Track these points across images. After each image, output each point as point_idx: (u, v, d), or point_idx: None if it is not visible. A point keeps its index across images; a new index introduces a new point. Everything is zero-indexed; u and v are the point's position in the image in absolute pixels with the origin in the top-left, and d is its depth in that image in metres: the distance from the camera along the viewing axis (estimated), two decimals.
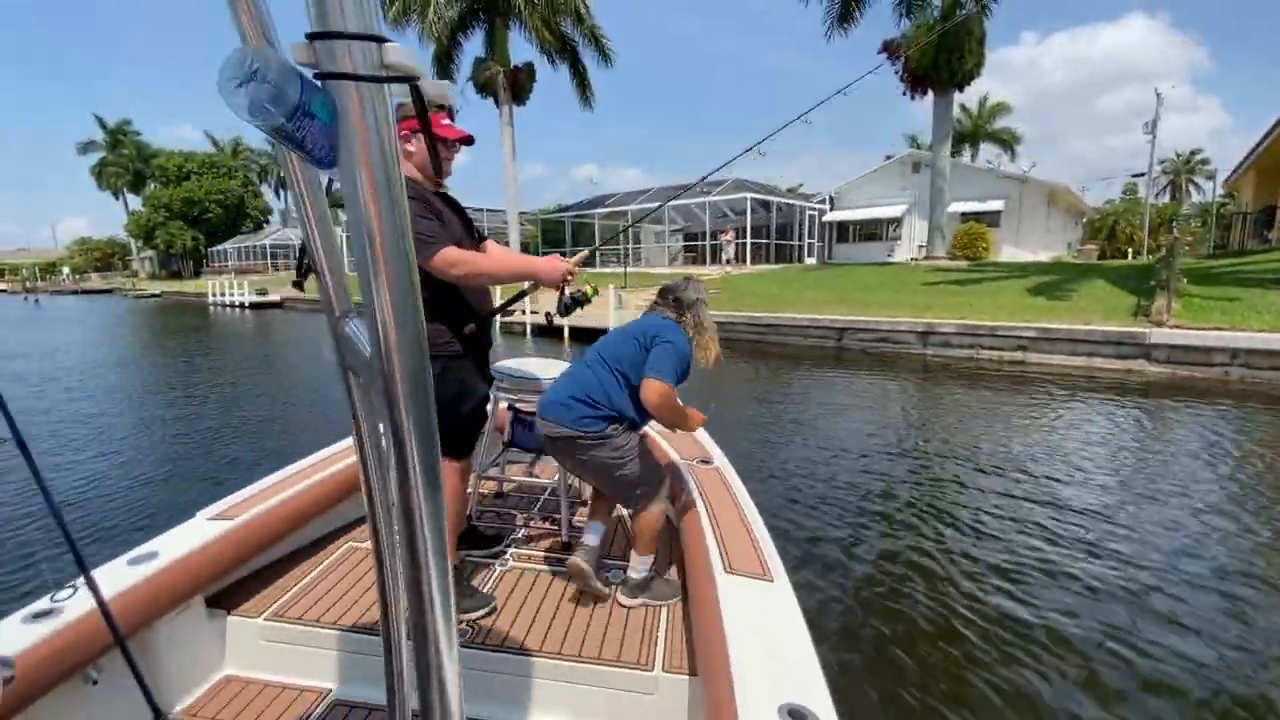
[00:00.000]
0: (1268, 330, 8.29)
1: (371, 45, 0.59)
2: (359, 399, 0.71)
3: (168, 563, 1.85)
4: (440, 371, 2.00)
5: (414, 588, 0.72)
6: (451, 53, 21.95)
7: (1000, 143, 37.69)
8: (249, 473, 4.95)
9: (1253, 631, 2.86)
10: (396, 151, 0.63)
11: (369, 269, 0.63)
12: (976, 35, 16.09)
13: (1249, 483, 4.76)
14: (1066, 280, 12.53)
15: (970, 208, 23.45)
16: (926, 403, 7.78)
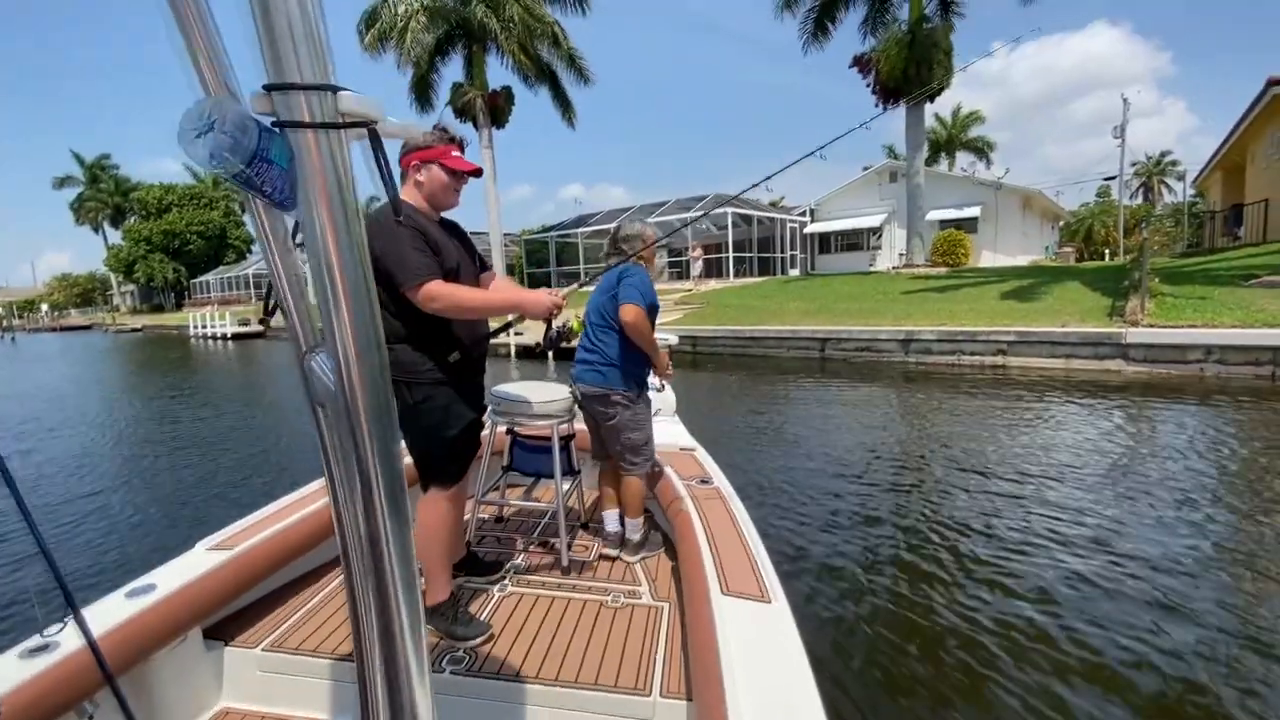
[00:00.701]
0: (1239, 326, 8.43)
1: (326, 94, 0.62)
2: (326, 431, 0.72)
3: (165, 595, 1.85)
4: (423, 399, 2.00)
5: (384, 619, 0.73)
6: (429, 78, 22.12)
7: (975, 151, 38.43)
8: (241, 505, 4.90)
9: (1245, 620, 2.86)
10: (355, 192, 0.66)
11: (329, 305, 0.66)
12: (944, 48, 16.43)
13: (1235, 474, 4.80)
14: (1043, 283, 12.69)
15: (948, 215, 23.80)
16: (910, 410, 7.81)
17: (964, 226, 23.02)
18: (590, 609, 2.29)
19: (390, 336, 1.93)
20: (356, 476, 0.70)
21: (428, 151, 2.00)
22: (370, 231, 1.91)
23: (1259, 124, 16.11)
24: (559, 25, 21.03)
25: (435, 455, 2.08)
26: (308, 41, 0.61)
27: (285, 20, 0.60)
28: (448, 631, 2.09)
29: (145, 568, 2.01)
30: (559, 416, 2.68)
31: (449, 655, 2.00)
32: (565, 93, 22.95)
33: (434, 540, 2.11)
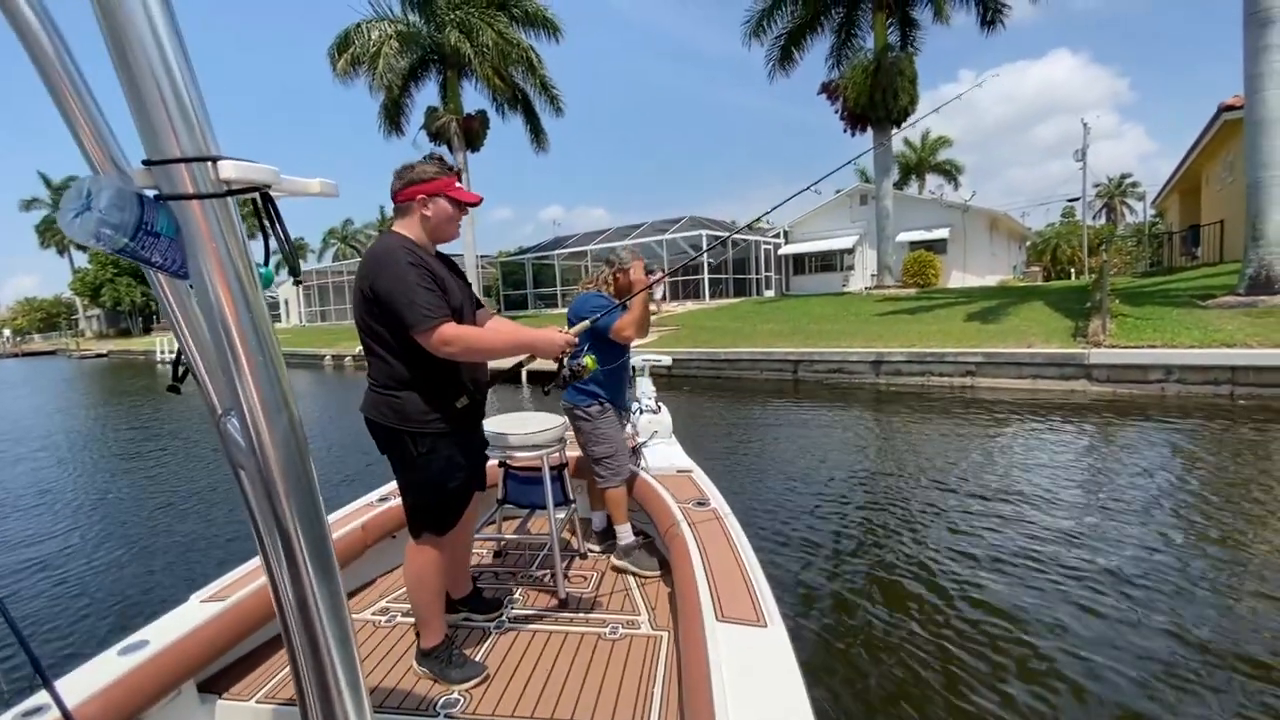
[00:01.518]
0: (1197, 346, 8.58)
1: (206, 165, 0.64)
2: (250, 493, 0.72)
3: (158, 650, 1.84)
4: (427, 450, 1.94)
5: (319, 679, 0.74)
6: (401, 102, 22.12)
7: (944, 174, 39.39)
8: (220, 549, 4.63)
9: (1202, 624, 2.82)
10: (248, 257, 0.68)
11: (231, 370, 0.67)
12: (908, 75, 16.85)
13: (1195, 490, 4.81)
14: (1009, 304, 12.88)
15: (917, 236, 24.23)
16: (883, 432, 7.79)
17: (933, 248, 23.46)
18: (588, 642, 2.27)
19: (394, 382, 1.91)
20: (278, 535, 0.71)
21: (433, 184, 1.95)
22: (372, 269, 1.87)
23: (1212, 148, 16.69)
24: (534, 51, 21.21)
25: (432, 505, 2.04)
26: (181, 114, 0.62)
27: (155, 94, 0.61)
28: (442, 675, 2.07)
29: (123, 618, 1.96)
30: (549, 446, 2.68)
31: (443, 699, 1.99)
32: (538, 118, 23.10)
33: (425, 586, 2.08)
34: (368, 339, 1.94)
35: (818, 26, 18.38)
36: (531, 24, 21.24)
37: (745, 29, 18.56)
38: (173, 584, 4.06)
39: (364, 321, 1.92)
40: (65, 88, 0.67)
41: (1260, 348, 8.15)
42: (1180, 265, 19.72)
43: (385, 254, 1.87)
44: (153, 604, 1.99)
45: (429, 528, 2.06)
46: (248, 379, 0.67)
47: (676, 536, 2.44)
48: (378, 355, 1.93)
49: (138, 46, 0.60)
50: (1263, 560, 3.69)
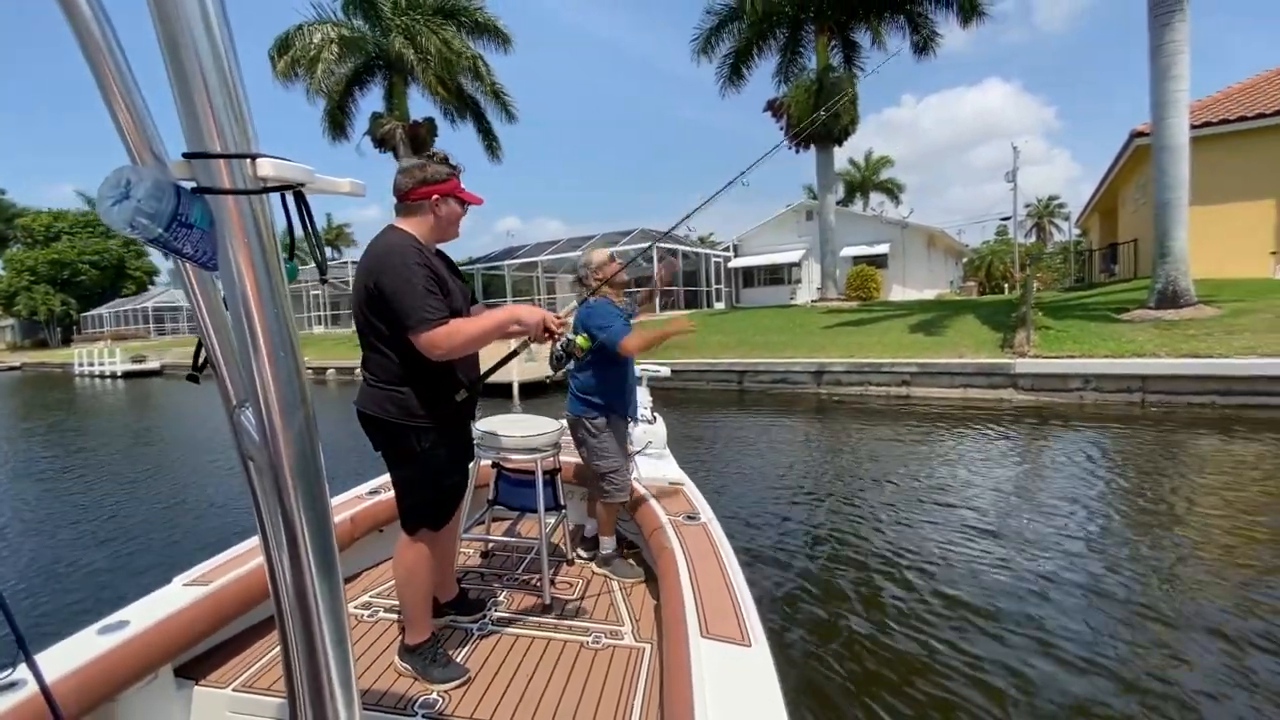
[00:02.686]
0: (1112, 356, 9.08)
1: (245, 161, 0.65)
2: (257, 485, 0.73)
3: (137, 631, 1.82)
4: (431, 445, 1.96)
5: (312, 674, 0.74)
6: (346, 107, 21.55)
7: (886, 192, 40.93)
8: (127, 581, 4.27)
9: (1125, 620, 2.97)
10: (278, 253, 0.68)
11: (251, 364, 0.68)
12: (849, 96, 17.42)
13: (1110, 492, 5.05)
14: (944, 317, 13.37)
15: (860, 251, 25.01)
16: (828, 440, 7.91)
17: (875, 262, 24.25)
18: (570, 650, 2.26)
19: (395, 378, 1.92)
20: (283, 530, 0.71)
21: (447, 185, 1.98)
22: (378, 266, 1.87)
23: (1126, 171, 17.83)
24: (482, 60, 21.03)
25: (431, 500, 2.06)
26: (227, 110, 0.63)
27: (203, 90, 0.61)
28: (424, 673, 2.06)
29: None
30: (543, 450, 2.68)
31: (422, 699, 1.97)
32: (490, 126, 22.88)
33: (416, 581, 2.07)
34: (368, 335, 1.94)
35: (764, 46, 18.86)
36: (481, 33, 21.07)
37: (694, 46, 18.89)
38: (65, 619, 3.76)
39: (364, 317, 1.92)
40: (111, 77, 0.68)
41: (1168, 357, 8.67)
42: (1100, 281, 20.93)
43: (392, 252, 1.86)
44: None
45: (425, 522, 2.06)
46: (267, 373, 0.68)
47: (664, 549, 2.43)
48: (378, 351, 1.93)
49: (189, 37, 0.61)
50: (1166, 550, 3.95)
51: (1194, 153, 10.59)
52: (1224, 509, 4.66)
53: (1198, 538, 4.16)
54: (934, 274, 28.70)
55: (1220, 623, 3.10)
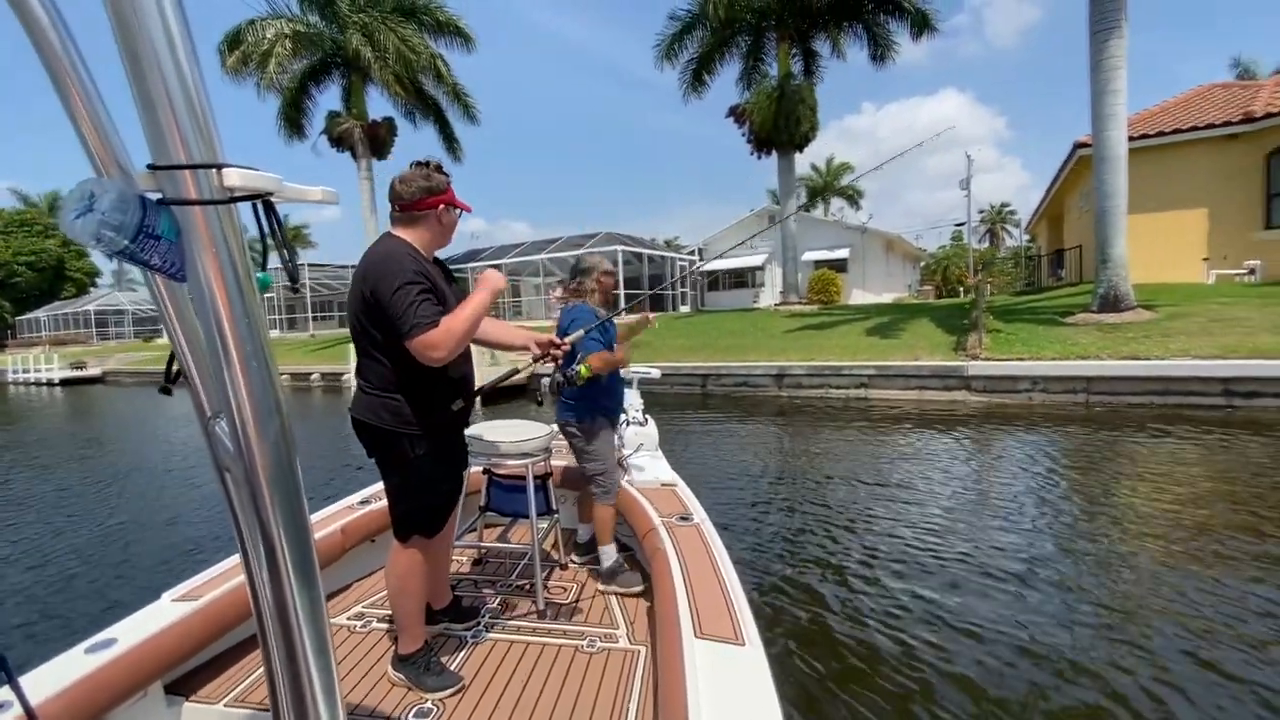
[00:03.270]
0: (1058, 358, 9.43)
1: (211, 171, 0.64)
2: (234, 497, 0.72)
3: (126, 649, 1.80)
4: (425, 452, 1.97)
5: (294, 686, 0.73)
6: (302, 104, 20.97)
7: (847, 197, 41.84)
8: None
9: (1067, 603, 3.14)
10: (248, 263, 0.68)
11: (224, 375, 0.68)
12: (809, 103, 17.76)
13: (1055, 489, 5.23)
14: (901, 320, 13.69)
15: (821, 255, 25.48)
16: (787, 442, 8.00)
17: (835, 266, 24.71)
18: (565, 655, 2.26)
19: (390, 384, 1.93)
20: (260, 541, 0.71)
21: (449, 194, 2.03)
22: (375, 273, 1.88)
23: (1071, 180, 18.57)
24: (442, 59, 20.72)
25: (425, 507, 2.06)
26: (191, 119, 0.62)
27: (165, 100, 0.61)
28: (418, 681, 2.05)
29: None
30: (534, 455, 2.68)
31: (416, 708, 1.97)
32: (451, 127, 22.55)
33: (408, 589, 2.07)
34: (363, 341, 1.95)
35: (726, 53, 19.06)
36: (442, 32, 20.76)
37: (657, 52, 18.98)
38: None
39: (360, 324, 1.93)
40: (73, 87, 0.67)
41: (1110, 360, 9.05)
42: (1049, 285, 21.74)
43: (389, 259, 1.88)
44: None
45: (419, 530, 2.06)
46: (240, 383, 0.68)
47: (658, 551, 2.43)
48: (373, 358, 1.94)
49: (151, 49, 0.60)
50: (1108, 543, 4.13)
51: (1132, 163, 11.09)
52: (1161, 502, 4.87)
53: (1138, 529, 4.35)
54: (892, 278, 29.43)
55: (1162, 608, 3.30)
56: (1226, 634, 3.03)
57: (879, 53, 17.98)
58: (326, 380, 17.20)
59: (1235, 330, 9.28)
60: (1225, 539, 4.12)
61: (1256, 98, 14.45)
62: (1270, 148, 13.59)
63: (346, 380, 16.13)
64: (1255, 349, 8.51)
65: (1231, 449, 6.43)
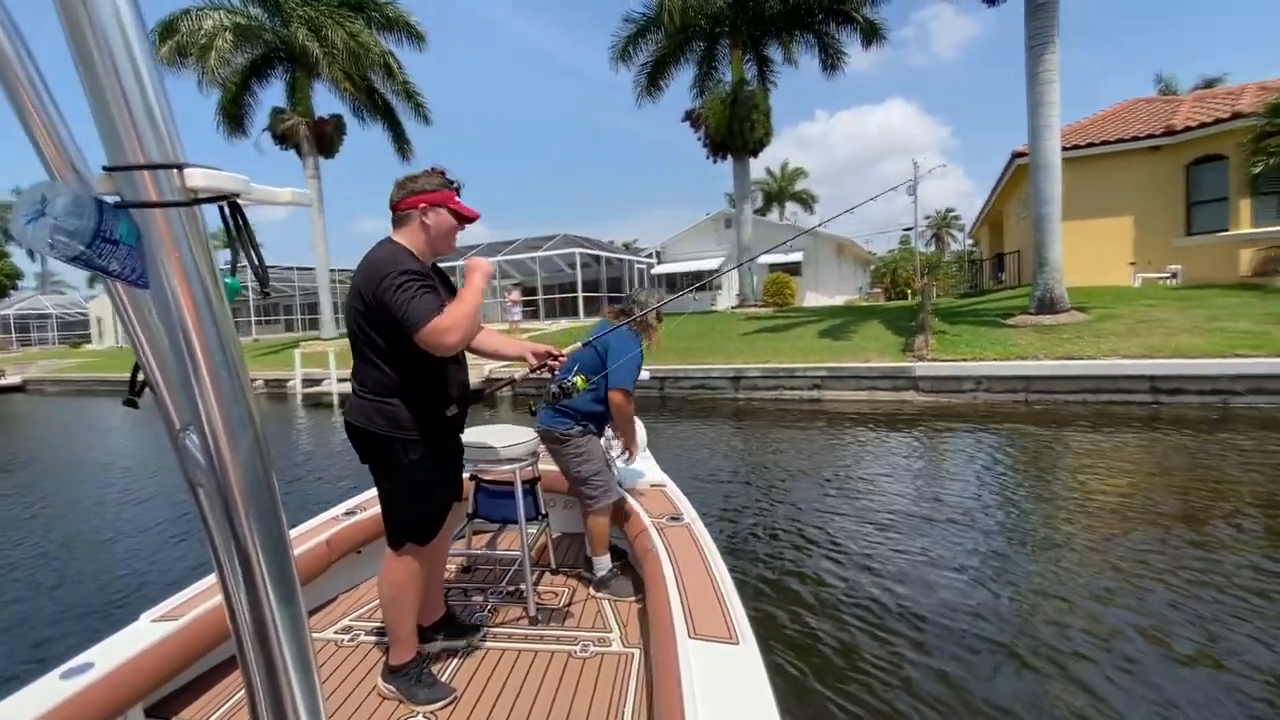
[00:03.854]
0: (999, 359, 9.81)
1: (172, 172, 0.61)
2: (207, 512, 0.70)
3: (103, 674, 1.76)
4: (419, 457, 1.95)
5: (276, 707, 0.71)
6: (242, 99, 20.14)
7: (801, 202, 42.74)
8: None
9: (1017, 591, 3.33)
10: (213, 267, 0.66)
11: (192, 385, 0.65)
12: (762, 109, 18.05)
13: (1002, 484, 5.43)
14: (852, 322, 14.02)
15: (775, 259, 25.90)
16: (746, 443, 8.07)
17: (790, 270, 25.16)
18: (558, 660, 2.25)
19: (385, 389, 1.92)
20: (236, 557, 0.69)
21: (436, 195, 2.00)
22: (372, 274, 1.88)
23: (1009, 188, 19.40)
24: (393, 56, 20.23)
25: (418, 514, 2.03)
26: (148, 119, 0.60)
27: (120, 99, 0.59)
28: (409, 694, 2.02)
29: None
30: (522, 460, 2.67)
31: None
32: (401, 126, 22.04)
33: (402, 598, 2.04)
34: (360, 345, 1.95)
35: (681, 57, 19.20)
36: (391, 28, 20.27)
37: (612, 54, 18.97)
38: None
39: (357, 327, 1.93)
40: (22, 87, 0.63)
41: (1047, 359, 9.46)
42: (991, 287, 22.65)
43: (385, 261, 1.88)
44: None
45: (412, 537, 2.04)
46: (210, 394, 0.66)
47: (649, 552, 2.43)
48: (369, 362, 1.94)
49: (103, 45, 0.58)
50: (1044, 534, 4.35)
51: (1066, 172, 11.65)
52: (1093, 494, 5.13)
53: (1073, 519, 4.58)
54: (844, 281, 30.16)
55: (1097, 591, 3.50)
56: (1161, 604, 3.31)
57: (830, 61, 18.42)
58: (270, 387, 16.51)
59: (1159, 331, 9.85)
60: (1157, 525, 4.37)
61: (1177, 112, 15.39)
62: (1189, 159, 14.49)
63: (291, 386, 15.53)
64: (1177, 349, 9.04)
65: (1157, 444, 6.81)
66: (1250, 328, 9.47)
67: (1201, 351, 8.81)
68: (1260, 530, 4.26)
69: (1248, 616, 3.18)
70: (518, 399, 12.33)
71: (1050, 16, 11.14)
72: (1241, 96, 14.56)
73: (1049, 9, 11.14)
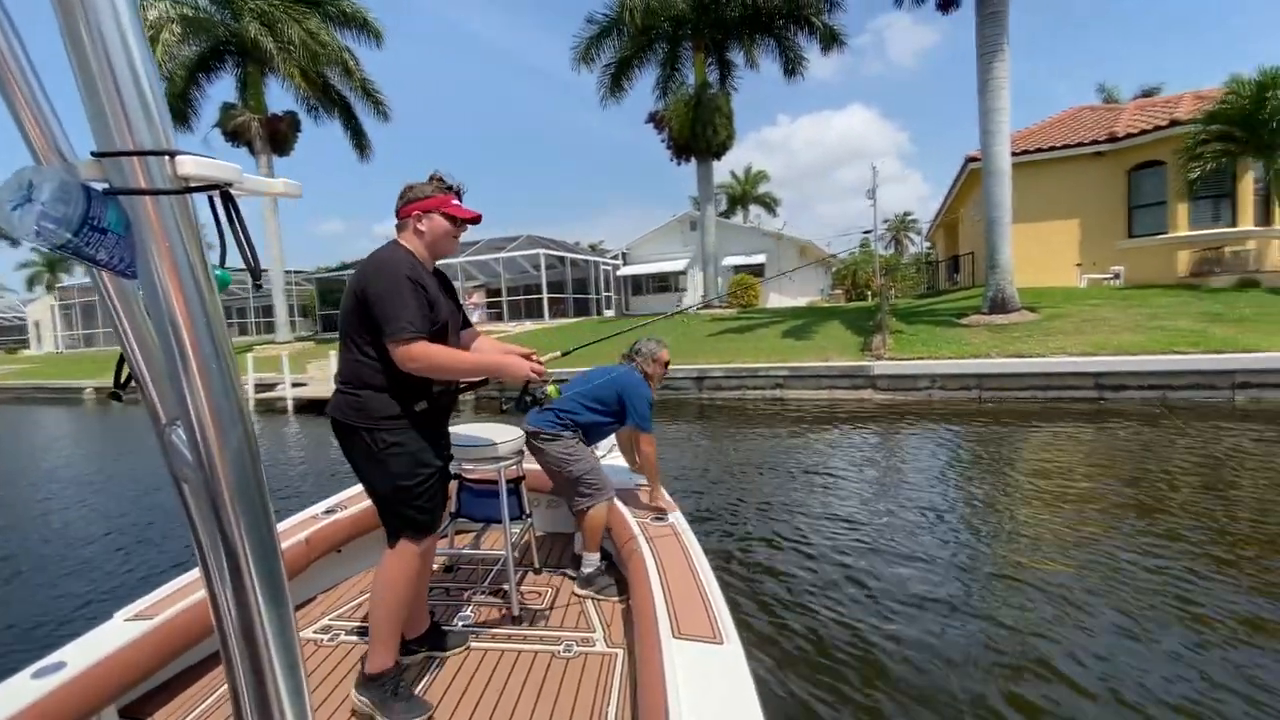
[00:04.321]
0: (953, 357, 10.05)
1: (164, 159, 0.60)
2: (194, 509, 0.68)
3: (76, 673, 1.73)
4: (387, 445, 1.94)
5: (262, 709, 0.70)
6: (189, 94, 19.41)
7: (764, 205, 43.21)
8: None
9: (959, 566, 3.45)
10: (204, 257, 0.64)
11: (181, 379, 0.63)
12: (725, 112, 18.19)
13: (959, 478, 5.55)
14: (813, 323, 14.22)
15: (739, 260, 26.18)
16: (710, 440, 8.07)
17: (753, 271, 25.43)
18: (541, 661, 2.24)
19: (358, 381, 1.95)
20: (224, 556, 0.67)
21: (428, 201, 2.03)
22: (371, 272, 1.95)
23: (963, 191, 19.97)
24: (350, 53, 19.76)
25: (405, 502, 1.99)
26: (139, 104, 0.59)
27: (111, 83, 0.57)
28: (383, 707, 1.93)
29: None
30: (506, 459, 2.64)
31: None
32: (359, 124, 21.54)
33: (393, 598, 1.99)
34: (348, 338, 1.98)
35: (644, 59, 19.22)
36: (348, 24, 19.80)
37: (575, 54, 18.88)
38: None
39: (349, 320, 1.97)
40: (9, 69, 0.63)
41: (1000, 358, 9.73)
42: (947, 288, 23.26)
43: (386, 261, 1.94)
44: None
45: (406, 528, 2.01)
46: (199, 387, 0.64)
47: (634, 552, 2.43)
48: (351, 355, 1.97)
49: (95, 27, 0.56)
50: (994, 524, 4.51)
51: (1016, 177, 12.03)
52: (1045, 485, 5.29)
53: (1026, 507, 4.72)
54: (807, 283, 30.61)
55: (1053, 579, 3.61)
56: (1111, 581, 3.52)
57: (791, 66, 18.67)
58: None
59: (1103, 329, 10.23)
60: (1102, 510, 4.56)
61: (1119, 119, 16.06)
62: (1131, 165, 15.13)
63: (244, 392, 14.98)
64: (1119, 347, 9.40)
65: (1103, 436, 7.07)
66: (1189, 326, 9.92)
67: (1143, 349, 9.18)
68: (1198, 511, 4.50)
69: (1189, 590, 3.41)
70: (481, 402, 12.15)
71: (1000, 25, 11.49)
72: (1179, 105, 15.27)
73: (999, 18, 11.49)
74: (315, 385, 13.84)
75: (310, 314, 28.90)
